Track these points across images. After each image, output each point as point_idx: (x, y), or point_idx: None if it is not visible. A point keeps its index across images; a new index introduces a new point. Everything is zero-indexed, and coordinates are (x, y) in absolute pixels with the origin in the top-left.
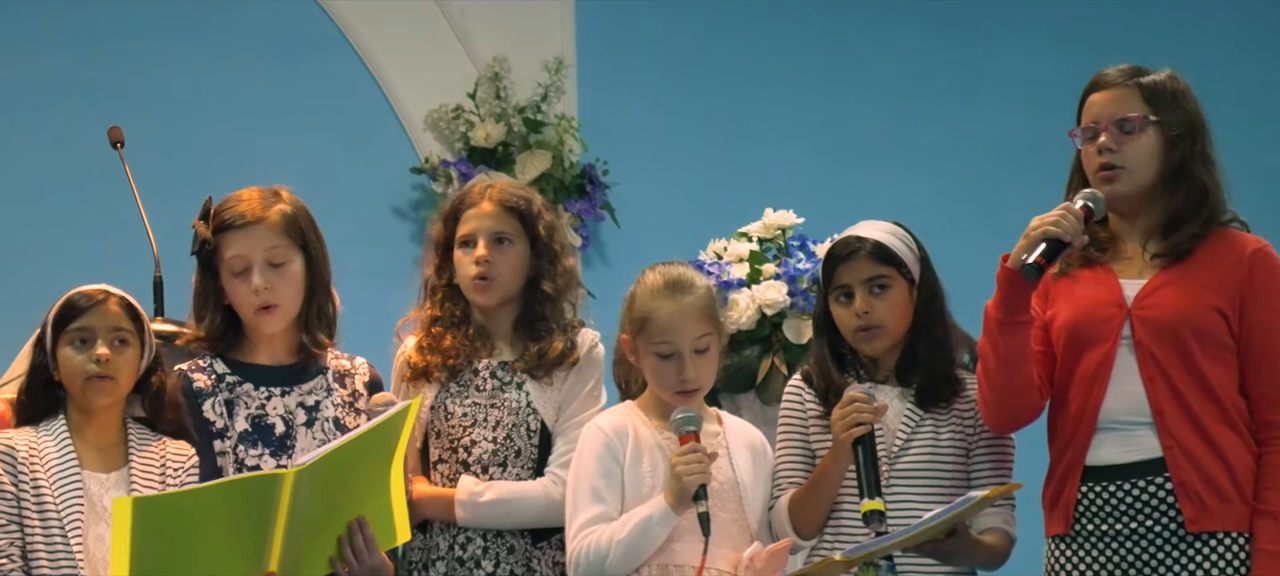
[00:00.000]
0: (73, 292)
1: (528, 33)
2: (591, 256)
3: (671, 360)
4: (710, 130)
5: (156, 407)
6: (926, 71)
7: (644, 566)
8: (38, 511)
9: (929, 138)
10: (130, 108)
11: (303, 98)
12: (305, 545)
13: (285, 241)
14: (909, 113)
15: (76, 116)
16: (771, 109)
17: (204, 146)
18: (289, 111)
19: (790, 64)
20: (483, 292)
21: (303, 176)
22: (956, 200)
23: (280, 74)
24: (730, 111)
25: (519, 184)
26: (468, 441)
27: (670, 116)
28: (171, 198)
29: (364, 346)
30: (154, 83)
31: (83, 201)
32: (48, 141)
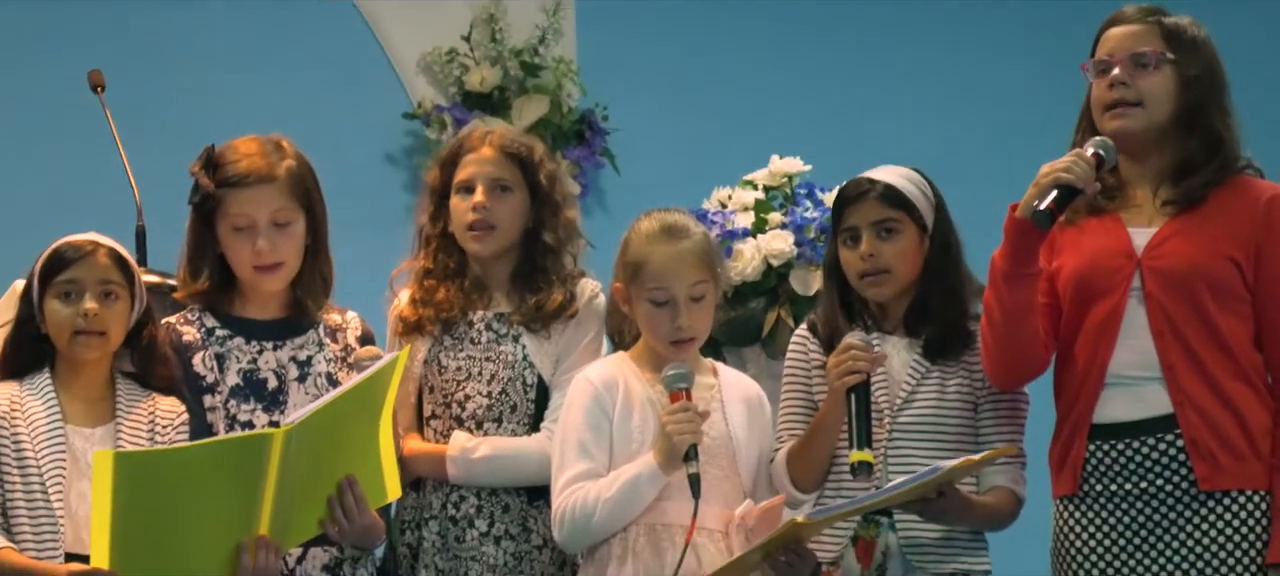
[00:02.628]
0: (60, 243)
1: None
2: (591, 205)
3: (666, 308)
4: (714, 74)
5: (147, 362)
6: (937, 14)
7: (632, 525)
8: (18, 466)
9: (940, 83)
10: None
11: (291, 40)
12: (295, 505)
13: (291, 202)
14: (920, 57)
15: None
16: (778, 52)
17: (188, 91)
18: (277, 54)
19: (798, 5)
20: (480, 241)
21: (291, 121)
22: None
23: (268, 15)
24: (735, 55)
25: (520, 131)
26: (461, 396)
27: (672, 60)
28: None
29: (355, 298)
30: (135, 24)
31: (62, 148)
32: (25, 86)
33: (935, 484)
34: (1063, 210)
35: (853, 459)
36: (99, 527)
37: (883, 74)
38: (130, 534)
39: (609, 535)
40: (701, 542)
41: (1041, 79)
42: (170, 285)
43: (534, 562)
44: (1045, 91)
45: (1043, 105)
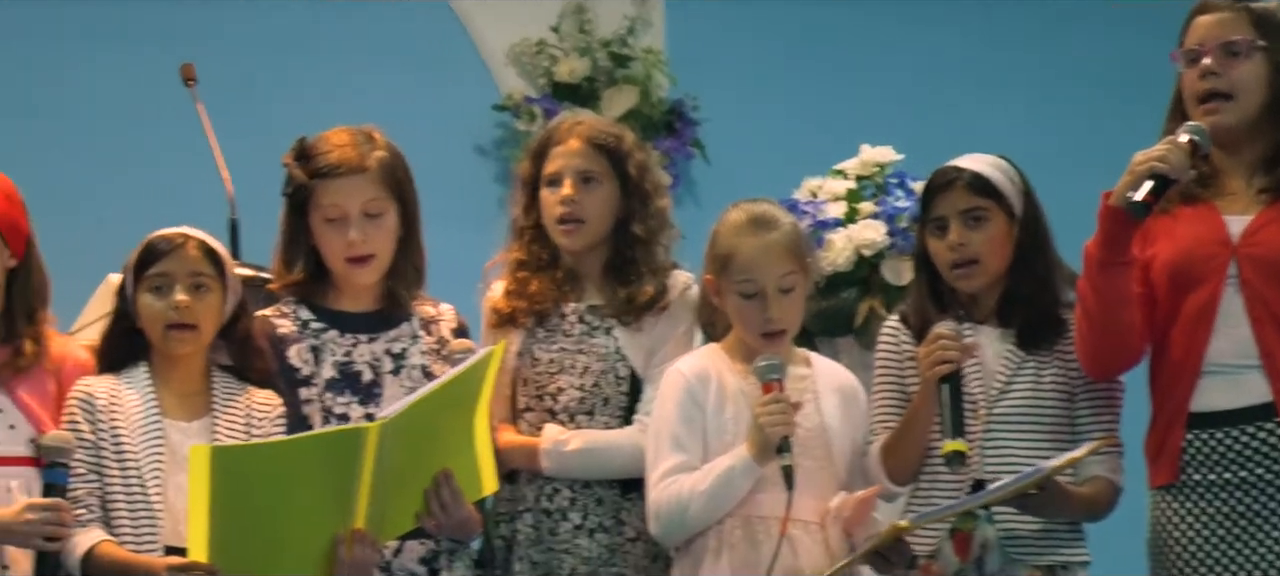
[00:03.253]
0: (153, 236)
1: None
2: (681, 195)
3: (755, 300)
4: (804, 63)
5: (243, 355)
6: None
7: (727, 517)
8: (117, 460)
9: (1033, 69)
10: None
11: (381, 33)
12: (391, 499)
13: (383, 192)
14: (1012, 43)
15: (147, 54)
16: (868, 40)
17: (279, 83)
18: (367, 47)
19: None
20: (568, 234)
21: (381, 114)
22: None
23: (358, 8)
24: (825, 44)
25: (609, 121)
26: (554, 388)
27: (762, 49)
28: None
29: (448, 290)
30: (227, 19)
31: (155, 142)
32: (118, 80)
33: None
34: (1158, 199)
35: (945, 448)
36: (196, 521)
37: (974, 61)
38: (227, 527)
39: (704, 528)
40: (797, 535)
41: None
42: (265, 278)
43: (627, 555)
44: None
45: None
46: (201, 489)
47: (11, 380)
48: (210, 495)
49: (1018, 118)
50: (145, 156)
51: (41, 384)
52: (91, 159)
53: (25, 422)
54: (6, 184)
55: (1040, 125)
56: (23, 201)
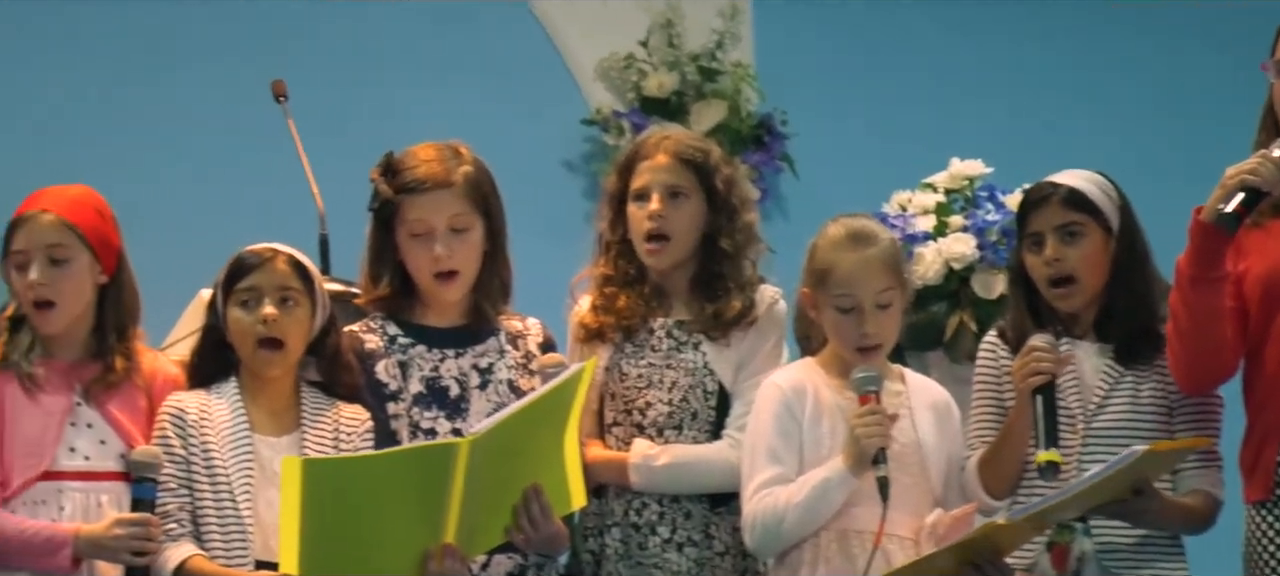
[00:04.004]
0: (242, 251)
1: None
2: (770, 210)
3: (852, 314)
4: (893, 77)
5: (331, 370)
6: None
7: (822, 530)
8: (207, 475)
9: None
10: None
11: (471, 47)
12: (481, 514)
13: (468, 207)
14: (1101, 55)
15: (240, 70)
16: (957, 53)
17: (369, 100)
18: (457, 62)
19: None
20: (656, 254)
21: (470, 129)
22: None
23: (448, 23)
24: (914, 56)
25: (696, 135)
26: (642, 403)
27: (850, 63)
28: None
29: (535, 305)
30: (317, 33)
31: (246, 157)
32: (209, 96)
33: (1130, 477)
34: (1249, 212)
35: (1039, 459)
36: (287, 533)
37: (1063, 74)
38: (318, 540)
39: (800, 540)
40: (892, 549)
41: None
42: (354, 293)
43: (716, 569)
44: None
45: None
46: (293, 501)
47: (102, 395)
48: (301, 508)
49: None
50: (236, 172)
51: (132, 399)
52: (183, 175)
53: (116, 438)
54: (98, 200)
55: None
56: (114, 217)
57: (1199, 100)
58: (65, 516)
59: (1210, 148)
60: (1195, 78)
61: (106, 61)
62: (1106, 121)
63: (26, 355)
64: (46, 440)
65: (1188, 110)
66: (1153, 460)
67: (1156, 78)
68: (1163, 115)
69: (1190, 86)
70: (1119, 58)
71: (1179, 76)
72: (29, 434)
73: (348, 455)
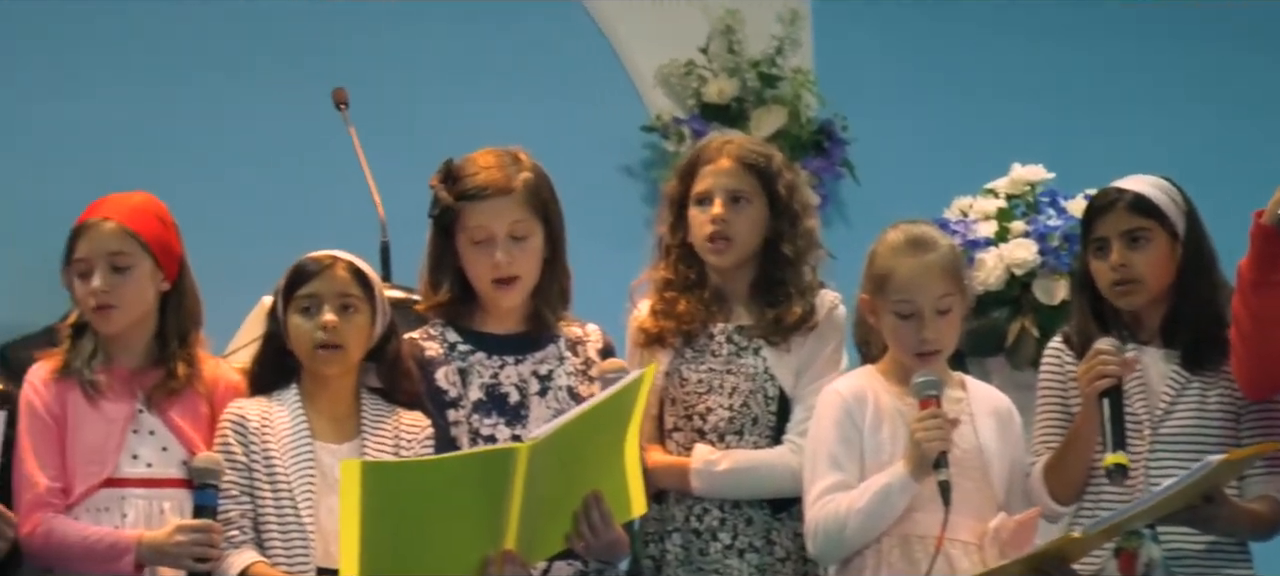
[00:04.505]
0: (302, 258)
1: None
2: (830, 215)
3: (911, 320)
4: (953, 82)
5: (392, 377)
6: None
7: (884, 536)
8: (269, 481)
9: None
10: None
11: (530, 54)
12: (541, 520)
13: (528, 214)
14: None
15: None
16: (1017, 58)
17: (429, 107)
18: (516, 69)
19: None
20: (718, 253)
21: (530, 136)
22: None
23: (507, 30)
24: (974, 62)
25: (758, 140)
26: (703, 408)
27: (911, 69)
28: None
29: (595, 310)
30: (378, 43)
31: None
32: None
33: (1203, 486)
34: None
35: (1107, 462)
36: (347, 537)
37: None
38: (377, 544)
39: (862, 546)
40: (955, 554)
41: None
42: (414, 300)
43: (777, 575)
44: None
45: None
46: (352, 504)
47: (164, 402)
48: (361, 511)
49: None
50: (298, 179)
51: (194, 406)
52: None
53: (177, 445)
54: (160, 207)
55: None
56: (176, 224)
57: (1263, 104)
58: (128, 523)
59: (1274, 151)
60: (1259, 81)
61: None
62: (1169, 125)
63: (89, 362)
64: (109, 447)
65: (1251, 114)
66: (1226, 468)
67: (1219, 81)
68: (1225, 119)
69: (1254, 90)
70: (1182, 62)
71: (1242, 80)
72: (91, 441)
73: (406, 459)
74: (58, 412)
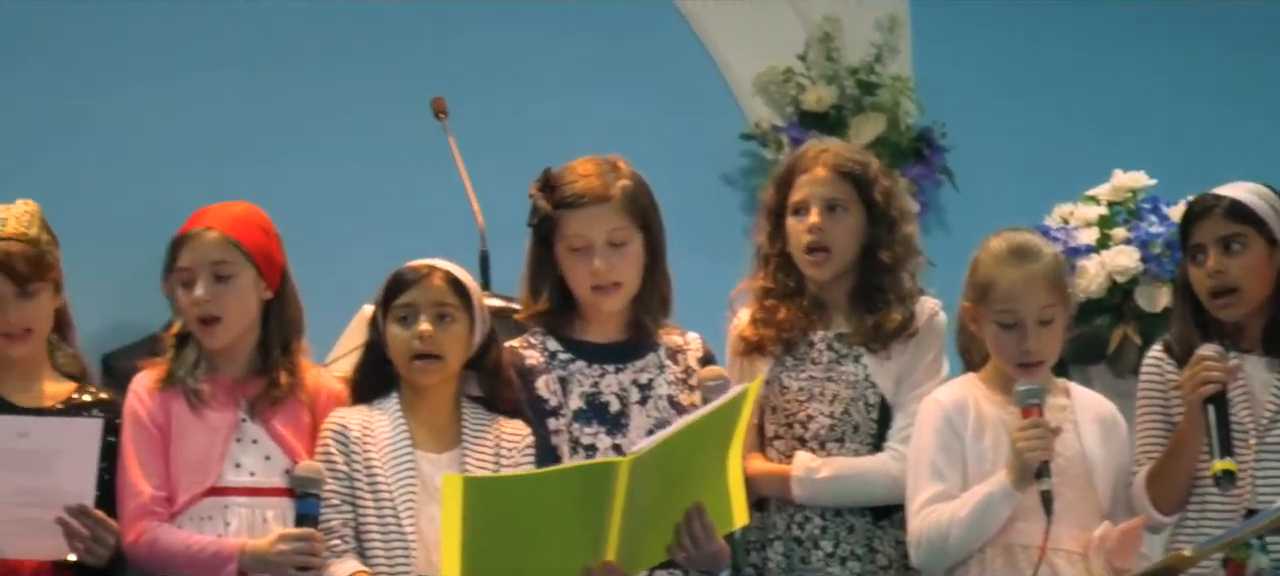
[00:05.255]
0: (400, 268)
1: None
2: (930, 223)
3: (1013, 331)
4: (1053, 88)
5: (492, 385)
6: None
7: (987, 545)
8: (370, 491)
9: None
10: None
11: (629, 62)
12: (642, 532)
13: (627, 221)
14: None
15: (400, 88)
16: (1118, 63)
17: (528, 116)
18: (614, 78)
19: (1137, 14)
20: (816, 265)
21: (629, 144)
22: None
23: (605, 39)
24: (1074, 68)
25: (855, 147)
26: (804, 416)
27: (1010, 75)
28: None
29: (694, 319)
30: (477, 52)
31: (407, 174)
32: (371, 113)
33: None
34: None
35: (1214, 468)
36: (449, 551)
37: (1227, 84)
38: (479, 557)
39: (965, 556)
40: (1059, 564)
41: None
42: (514, 308)
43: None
44: None
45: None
46: (454, 519)
47: (266, 411)
48: (463, 525)
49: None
50: (399, 188)
51: (296, 415)
52: (346, 191)
53: (280, 453)
54: (262, 216)
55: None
56: (278, 234)
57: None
58: (231, 531)
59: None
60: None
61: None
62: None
63: (192, 371)
64: (212, 456)
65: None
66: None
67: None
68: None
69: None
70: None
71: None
72: (195, 450)
73: (508, 473)
74: (162, 421)
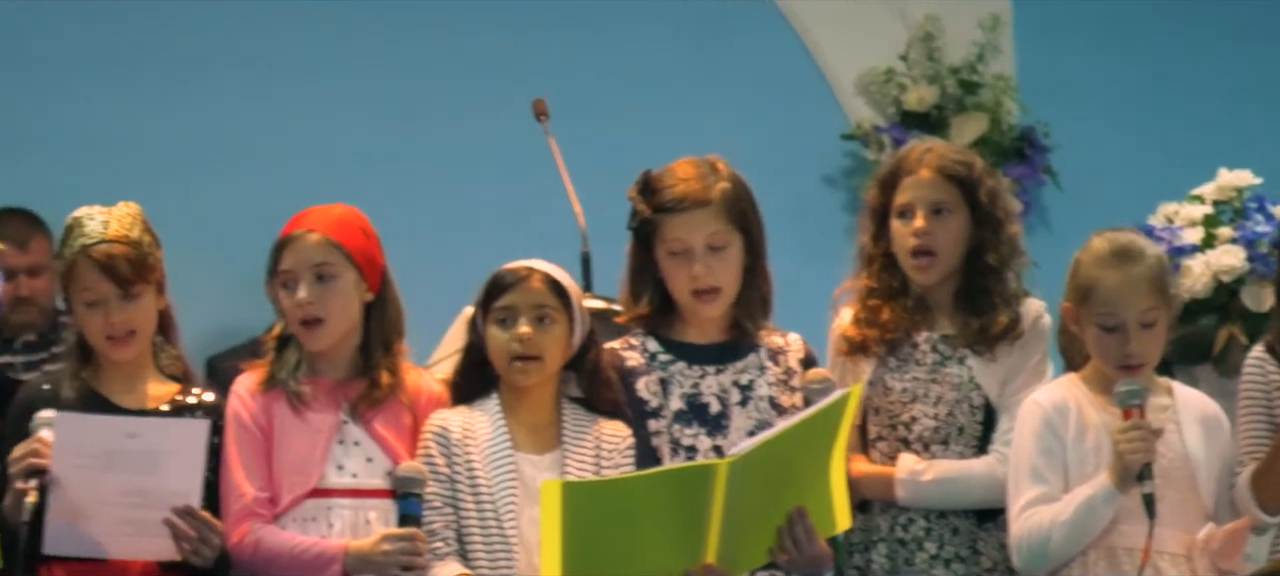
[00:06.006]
0: (500, 270)
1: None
2: (1033, 223)
3: (1115, 333)
4: (1157, 87)
5: (592, 386)
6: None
7: (1090, 548)
8: (471, 493)
9: None
10: (554, 79)
11: (730, 63)
12: (743, 535)
13: (726, 225)
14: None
15: (501, 90)
16: (1223, 61)
17: (628, 117)
18: (716, 79)
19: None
20: (922, 270)
21: (729, 145)
22: None
23: (706, 40)
24: (1178, 66)
25: (959, 148)
26: (908, 418)
27: (1114, 73)
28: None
29: (795, 320)
30: (578, 54)
31: (508, 176)
32: (472, 116)
33: None
34: None
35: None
36: (549, 555)
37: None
38: (580, 560)
39: (1067, 559)
40: (1162, 566)
41: None
42: (615, 310)
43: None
44: None
45: None
46: (553, 523)
47: (368, 413)
48: (562, 529)
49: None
50: (500, 190)
51: (397, 416)
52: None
53: (382, 455)
54: (362, 219)
55: None
56: (378, 236)
57: None
58: (334, 533)
59: None
60: None
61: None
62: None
63: (294, 373)
64: (314, 458)
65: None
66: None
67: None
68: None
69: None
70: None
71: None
72: (297, 451)
73: (607, 477)
74: (264, 423)
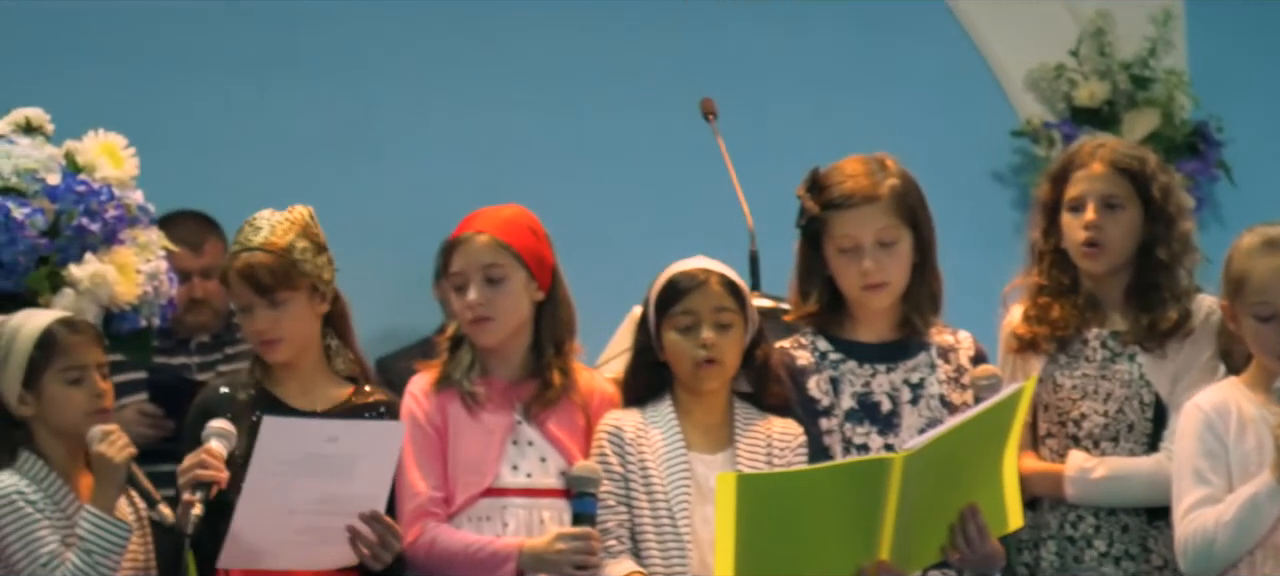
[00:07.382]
0: (674, 272)
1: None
2: (1206, 219)
3: (1271, 322)
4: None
5: (761, 383)
6: None
7: (1257, 547)
8: (645, 493)
9: None
10: (721, 78)
11: (898, 59)
12: (916, 531)
13: (895, 221)
14: None
15: (668, 89)
16: None
17: (796, 115)
18: (885, 74)
19: None
20: (1092, 260)
21: (898, 142)
22: None
23: (874, 38)
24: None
25: (1132, 143)
26: (1077, 415)
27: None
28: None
29: (965, 317)
30: (746, 52)
31: (676, 175)
32: (640, 116)
33: None
34: None
35: None
36: (723, 548)
37: None
38: (753, 554)
39: (1235, 560)
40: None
41: None
42: (784, 309)
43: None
44: None
45: None
46: (728, 516)
47: (541, 414)
48: (736, 522)
49: None
50: (668, 188)
51: (570, 416)
52: (615, 192)
53: (556, 455)
54: (531, 219)
55: None
56: (547, 235)
57: None
58: (509, 532)
59: None
60: None
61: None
62: None
63: (468, 374)
64: (489, 458)
65: None
66: None
67: None
68: None
69: None
70: None
71: None
72: (472, 451)
73: (782, 470)
74: (439, 423)
